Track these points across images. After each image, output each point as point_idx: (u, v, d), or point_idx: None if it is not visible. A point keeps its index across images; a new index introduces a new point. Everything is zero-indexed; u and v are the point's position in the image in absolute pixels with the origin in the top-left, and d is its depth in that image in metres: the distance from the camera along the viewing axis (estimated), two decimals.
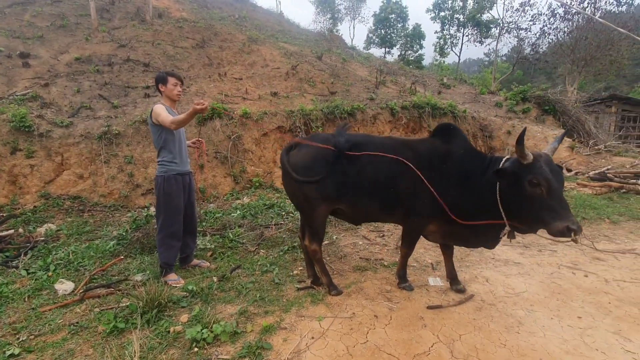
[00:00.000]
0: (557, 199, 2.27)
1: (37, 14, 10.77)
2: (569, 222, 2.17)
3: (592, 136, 12.32)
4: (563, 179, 2.37)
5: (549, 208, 2.27)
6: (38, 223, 4.94)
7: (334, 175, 2.78)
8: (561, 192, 2.30)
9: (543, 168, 2.30)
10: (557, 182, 2.29)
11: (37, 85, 7.54)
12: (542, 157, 2.39)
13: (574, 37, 19.28)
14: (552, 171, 2.32)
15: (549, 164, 2.36)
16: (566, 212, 2.23)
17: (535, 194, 2.32)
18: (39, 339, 2.42)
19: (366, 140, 2.92)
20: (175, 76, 3.37)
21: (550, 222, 2.26)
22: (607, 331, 2.56)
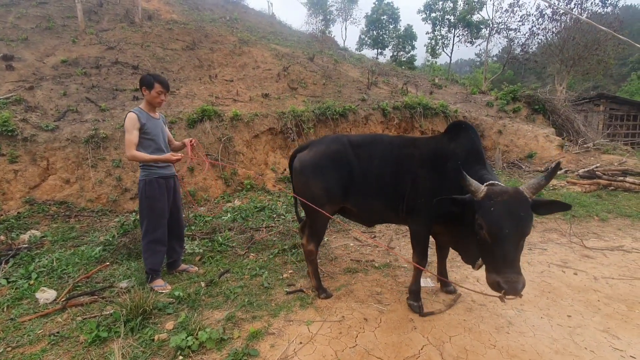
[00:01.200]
0: (501, 249, 1.90)
1: (22, 15, 10.58)
2: (502, 278, 1.87)
3: (581, 134, 12.47)
4: (523, 225, 1.88)
5: (491, 255, 1.98)
6: (22, 230, 4.82)
7: (340, 174, 2.82)
8: (510, 242, 1.88)
9: (492, 210, 1.91)
10: (508, 229, 1.87)
11: (21, 89, 7.38)
12: (498, 194, 1.97)
13: (562, 37, 19.52)
14: (507, 214, 1.89)
15: (507, 204, 1.91)
16: (506, 266, 1.89)
17: (480, 236, 2.03)
18: (16, 350, 2.34)
19: (374, 139, 2.96)
20: (163, 84, 3.25)
21: (487, 270, 2.03)
22: (596, 329, 2.55)
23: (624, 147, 12.22)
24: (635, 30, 37.57)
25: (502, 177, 8.87)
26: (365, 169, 2.84)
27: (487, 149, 11.56)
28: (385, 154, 2.82)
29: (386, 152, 2.83)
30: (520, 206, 1.91)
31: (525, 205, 1.93)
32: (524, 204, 1.93)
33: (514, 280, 1.86)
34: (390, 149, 2.84)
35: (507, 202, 1.92)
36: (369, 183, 2.83)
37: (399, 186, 2.74)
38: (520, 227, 1.89)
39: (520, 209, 1.90)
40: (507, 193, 1.97)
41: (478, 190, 2.03)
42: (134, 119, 3.11)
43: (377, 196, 2.83)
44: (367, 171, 2.83)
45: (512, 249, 1.89)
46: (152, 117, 3.28)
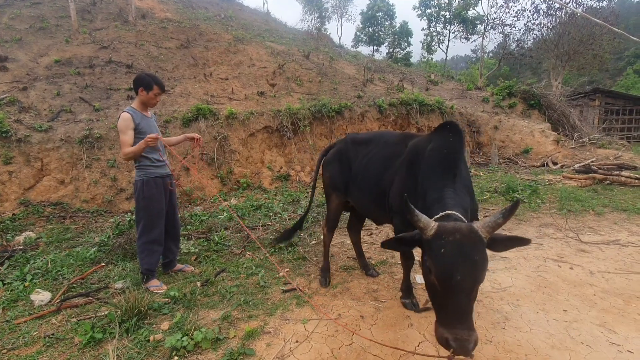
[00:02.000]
0: (452, 298, 1.55)
1: (16, 16, 10.48)
2: (451, 334, 1.52)
3: (576, 129, 12.51)
4: (477, 272, 1.53)
5: (440, 305, 1.64)
6: (16, 231, 4.79)
7: (341, 168, 3.10)
8: (463, 291, 1.53)
9: (442, 252, 1.56)
10: (460, 276, 1.50)
11: (15, 89, 7.31)
12: (450, 232, 1.60)
13: (558, 32, 19.56)
14: (460, 258, 1.53)
15: (460, 245, 1.55)
16: (456, 319, 1.54)
17: (429, 280, 1.69)
18: (11, 352, 2.32)
19: (375, 136, 3.07)
20: (161, 85, 3.25)
21: (436, 322, 1.66)
22: (593, 324, 2.56)
23: (619, 142, 12.29)
24: (631, 24, 37.72)
25: (498, 172, 8.89)
26: (360, 165, 2.93)
27: (484, 144, 11.58)
28: (380, 151, 2.85)
29: (380, 150, 2.86)
30: (475, 249, 1.55)
31: (481, 248, 1.57)
32: (479, 246, 1.57)
33: (464, 338, 1.50)
34: (385, 146, 2.85)
35: (460, 244, 1.55)
36: (362, 179, 2.89)
37: (383, 184, 2.67)
38: (474, 274, 1.53)
39: (474, 252, 1.54)
40: (460, 232, 1.59)
41: (427, 227, 1.65)
42: (128, 119, 3.08)
43: (367, 193, 2.87)
44: (362, 168, 2.90)
45: (464, 300, 1.54)
46: (146, 117, 3.26)
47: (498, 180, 7.78)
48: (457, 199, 2.01)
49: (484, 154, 11.21)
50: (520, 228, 4.85)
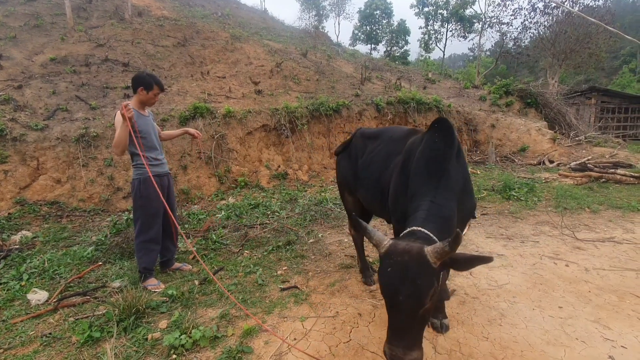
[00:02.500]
0: (392, 316, 1.57)
1: (10, 13, 10.40)
2: (388, 349, 1.53)
3: (573, 127, 12.57)
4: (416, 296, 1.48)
5: (388, 317, 1.62)
6: (12, 231, 4.76)
7: (350, 164, 3.08)
8: (401, 311, 1.52)
9: (388, 271, 1.57)
10: (400, 297, 1.50)
11: (9, 88, 7.26)
12: (398, 253, 1.57)
13: (554, 31, 19.62)
14: (401, 280, 1.52)
15: (405, 268, 1.52)
16: (394, 336, 1.54)
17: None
18: (8, 352, 2.31)
19: (384, 131, 2.99)
20: (160, 85, 3.26)
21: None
22: (587, 320, 2.58)
23: (615, 140, 12.36)
24: (627, 23, 37.90)
25: (495, 171, 8.93)
26: (364, 161, 2.86)
27: (481, 143, 11.62)
28: (384, 147, 2.75)
29: (385, 146, 2.75)
30: (419, 273, 1.51)
31: (426, 272, 1.52)
32: (424, 270, 1.52)
33: (399, 356, 1.49)
34: (389, 142, 2.75)
35: (405, 266, 1.52)
36: (365, 176, 2.82)
37: (383, 182, 2.59)
38: (415, 297, 1.49)
39: (418, 275, 1.50)
40: (409, 254, 1.55)
41: (379, 245, 1.65)
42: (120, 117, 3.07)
43: (371, 190, 2.77)
44: (366, 164, 2.83)
45: (405, 319, 1.52)
46: (142, 115, 3.25)
47: (495, 178, 7.82)
48: (433, 211, 1.92)
49: (481, 152, 11.25)
50: (517, 226, 4.88)
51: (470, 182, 2.33)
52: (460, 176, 2.18)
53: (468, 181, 2.29)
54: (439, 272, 1.56)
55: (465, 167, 2.28)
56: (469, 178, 2.32)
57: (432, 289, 1.51)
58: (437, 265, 1.52)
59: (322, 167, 8.63)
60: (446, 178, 2.06)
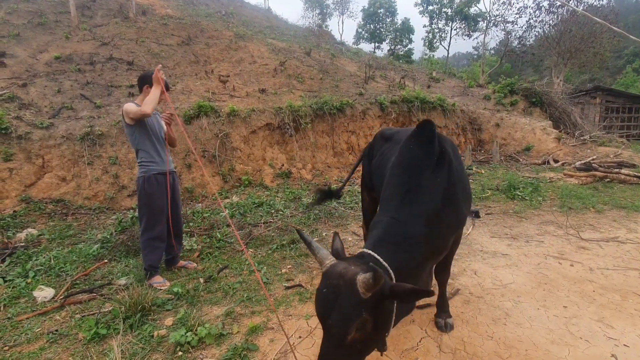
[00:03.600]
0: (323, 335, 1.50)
1: (13, 11, 10.44)
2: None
3: (577, 127, 12.51)
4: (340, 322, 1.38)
5: None
6: (18, 228, 4.80)
7: (368, 164, 3.08)
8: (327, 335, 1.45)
9: (322, 290, 1.50)
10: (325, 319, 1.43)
11: (14, 86, 7.31)
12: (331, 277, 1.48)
13: (559, 29, 19.52)
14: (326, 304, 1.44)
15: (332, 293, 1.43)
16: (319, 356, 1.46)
17: None
18: (14, 349, 2.34)
19: (397, 132, 2.95)
20: (166, 84, 3.25)
21: None
22: (591, 319, 2.58)
23: (619, 140, 12.29)
24: (631, 23, 37.63)
25: (499, 170, 8.90)
26: (375, 162, 2.85)
27: (485, 142, 11.59)
28: (392, 148, 2.66)
29: (392, 147, 2.65)
30: (346, 301, 1.40)
31: (351, 302, 1.39)
32: (350, 300, 1.40)
33: None
34: (396, 143, 2.62)
35: (336, 290, 1.43)
36: (375, 177, 2.83)
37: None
38: (339, 324, 1.39)
39: (344, 303, 1.39)
40: (342, 279, 1.44)
41: (322, 263, 1.56)
42: (132, 104, 3.12)
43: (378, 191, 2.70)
44: (376, 165, 2.83)
45: (329, 344, 1.44)
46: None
47: (499, 177, 7.80)
48: (392, 230, 1.75)
49: (486, 151, 11.22)
50: (521, 225, 4.86)
51: (457, 193, 2.02)
52: (439, 188, 1.90)
53: (454, 191, 1.98)
54: (372, 303, 1.39)
55: (450, 176, 1.97)
56: (458, 187, 2.03)
57: (357, 319, 1.38)
58: (368, 296, 1.37)
59: (326, 166, 8.64)
60: (415, 191, 1.85)
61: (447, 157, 1.98)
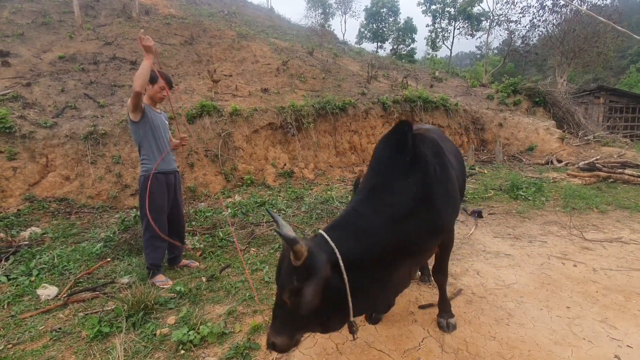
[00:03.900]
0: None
1: (17, 10, 10.50)
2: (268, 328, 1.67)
3: (581, 127, 12.45)
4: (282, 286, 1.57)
5: None
6: (22, 227, 4.83)
7: None
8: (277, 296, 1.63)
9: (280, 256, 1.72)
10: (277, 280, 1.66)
11: (18, 85, 7.35)
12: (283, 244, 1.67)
13: (563, 29, 19.44)
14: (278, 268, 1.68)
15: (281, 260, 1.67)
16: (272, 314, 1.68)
17: None
18: (17, 347, 2.35)
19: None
20: (167, 79, 3.26)
21: None
22: (594, 320, 2.57)
23: (623, 140, 12.23)
24: (634, 22, 37.39)
25: (502, 170, 8.87)
26: None
27: (488, 142, 11.56)
28: None
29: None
30: (283, 266, 1.58)
31: (287, 268, 1.54)
32: (285, 265, 1.55)
33: (268, 335, 1.63)
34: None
35: (282, 259, 1.62)
36: None
37: None
38: (279, 287, 1.60)
39: (282, 268, 1.59)
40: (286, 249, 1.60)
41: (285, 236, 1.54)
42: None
43: None
44: None
45: (276, 304, 1.65)
46: (155, 111, 3.29)
47: (502, 177, 7.77)
48: (349, 219, 1.81)
49: (489, 151, 11.19)
50: (525, 225, 4.84)
51: (435, 195, 1.94)
52: (411, 188, 1.86)
53: (430, 194, 1.91)
54: (304, 275, 1.50)
55: (426, 177, 1.92)
56: (437, 190, 1.96)
57: (289, 285, 1.51)
58: (298, 265, 1.49)
59: (328, 166, 8.64)
60: (380, 189, 1.87)
61: (422, 158, 1.95)
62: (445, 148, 2.36)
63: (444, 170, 2.07)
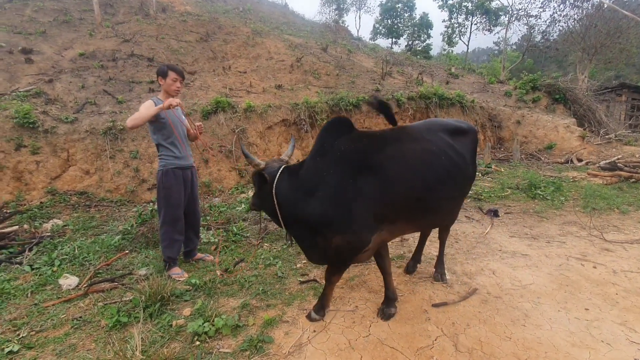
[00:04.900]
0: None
1: (39, 9, 10.77)
2: None
3: (602, 125, 12.05)
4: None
5: None
6: (44, 219, 4.99)
7: None
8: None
9: None
10: None
11: (41, 82, 7.56)
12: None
13: (584, 24, 18.79)
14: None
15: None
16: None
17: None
18: (40, 334, 2.44)
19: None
20: (176, 71, 3.31)
21: None
22: (614, 322, 2.51)
23: None
24: None
25: (520, 168, 8.68)
26: None
27: (505, 139, 11.32)
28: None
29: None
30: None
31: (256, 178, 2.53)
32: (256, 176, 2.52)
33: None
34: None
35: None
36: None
37: None
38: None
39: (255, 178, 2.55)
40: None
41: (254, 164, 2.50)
42: (150, 103, 3.18)
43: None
44: None
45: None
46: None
47: (520, 176, 7.61)
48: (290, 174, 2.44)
49: (505, 149, 10.96)
50: (542, 225, 4.74)
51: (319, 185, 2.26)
52: (311, 172, 2.35)
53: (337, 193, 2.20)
54: (258, 177, 2.48)
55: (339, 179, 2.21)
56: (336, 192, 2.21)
57: (254, 177, 2.53)
58: (255, 170, 2.50)
59: None
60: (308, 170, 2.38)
61: (318, 151, 2.37)
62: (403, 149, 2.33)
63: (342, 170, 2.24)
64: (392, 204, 2.22)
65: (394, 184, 2.20)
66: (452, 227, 4.63)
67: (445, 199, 2.45)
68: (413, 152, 2.31)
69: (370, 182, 2.18)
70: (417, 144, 2.37)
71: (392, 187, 2.19)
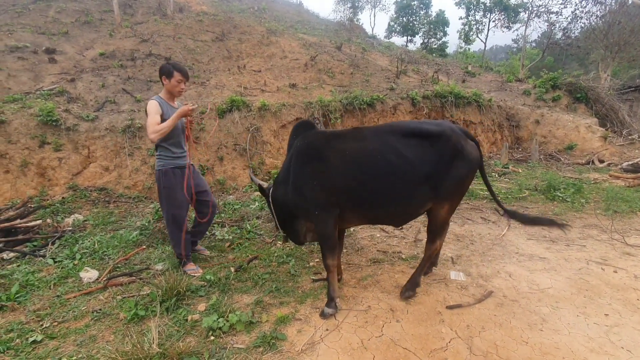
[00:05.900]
0: None
1: (61, 10, 11.10)
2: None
3: (626, 125, 11.67)
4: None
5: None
6: (66, 214, 5.15)
7: None
8: None
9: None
10: None
11: (63, 81, 7.80)
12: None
13: (607, 21, 18.19)
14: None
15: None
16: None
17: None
18: (62, 325, 2.53)
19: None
20: (182, 72, 3.18)
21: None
22: (634, 329, 2.43)
23: None
24: None
25: (539, 169, 8.49)
26: None
27: (524, 139, 11.08)
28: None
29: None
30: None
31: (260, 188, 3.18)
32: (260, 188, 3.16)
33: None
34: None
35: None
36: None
37: None
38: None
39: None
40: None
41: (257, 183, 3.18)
42: (156, 105, 3.11)
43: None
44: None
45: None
46: (172, 106, 3.26)
47: (538, 177, 7.43)
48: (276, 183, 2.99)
49: (524, 149, 10.72)
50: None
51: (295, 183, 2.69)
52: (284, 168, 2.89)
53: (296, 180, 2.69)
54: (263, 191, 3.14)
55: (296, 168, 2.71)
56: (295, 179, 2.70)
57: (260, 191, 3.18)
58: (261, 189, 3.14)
59: None
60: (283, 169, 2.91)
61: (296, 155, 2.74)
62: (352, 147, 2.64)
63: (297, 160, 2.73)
64: (336, 190, 2.57)
65: (335, 174, 2.57)
66: (468, 228, 4.60)
67: (382, 196, 2.55)
68: (352, 149, 2.60)
69: (321, 170, 2.60)
70: (359, 143, 2.62)
71: (333, 176, 2.57)
